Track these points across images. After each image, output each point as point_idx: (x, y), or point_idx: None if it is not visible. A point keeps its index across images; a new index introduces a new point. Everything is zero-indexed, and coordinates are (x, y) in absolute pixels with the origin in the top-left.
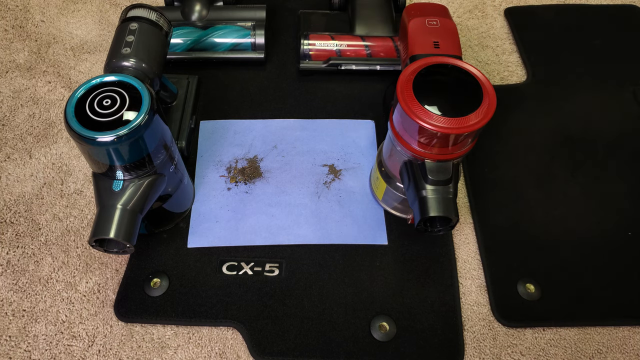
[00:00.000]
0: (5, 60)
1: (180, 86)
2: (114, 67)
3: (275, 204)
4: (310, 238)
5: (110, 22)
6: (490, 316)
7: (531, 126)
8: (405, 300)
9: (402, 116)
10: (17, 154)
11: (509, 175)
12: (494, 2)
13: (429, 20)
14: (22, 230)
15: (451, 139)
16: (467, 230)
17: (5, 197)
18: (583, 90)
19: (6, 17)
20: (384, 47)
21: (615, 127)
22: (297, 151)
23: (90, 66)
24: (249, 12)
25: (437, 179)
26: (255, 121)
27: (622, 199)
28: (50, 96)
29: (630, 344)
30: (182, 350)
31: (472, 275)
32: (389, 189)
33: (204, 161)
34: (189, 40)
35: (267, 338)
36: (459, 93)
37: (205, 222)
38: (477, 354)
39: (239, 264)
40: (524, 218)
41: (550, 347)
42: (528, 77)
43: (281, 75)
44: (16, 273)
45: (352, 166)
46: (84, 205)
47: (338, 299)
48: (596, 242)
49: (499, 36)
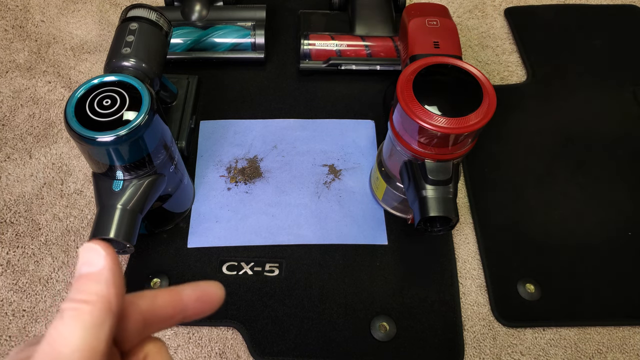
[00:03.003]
0: (5, 60)
1: (180, 86)
2: (114, 67)
3: (275, 204)
4: (310, 238)
5: (110, 22)
6: (490, 316)
7: (531, 126)
8: (405, 300)
9: (402, 116)
10: (17, 154)
11: (509, 175)
12: (494, 2)
13: (429, 20)
14: (22, 230)
15: (451, 139)
16: (467, 230)
17: (5, 197)
18: (583, 90)
19: (6, 17)
20: (384, 47)
21: (615, 127)
22: (297, 151)
23: (90, 66)
24: (249, 12)
25: (437, 179)
26: (255, 121)
27: (622, 199)
28: (50, 96)
29: (630, 344)
30: (182, 350)
31: (472, 275)
32: (389, 189)
33: (204, 161)
34: (189, 40)
35: (267, 338)
36: (459, 93)
37: (205, 222)
38: (477, 354)
39: (239, 264)
40: (524, 218)
41: (550, 347)
42: (528, 77)
43: (281, 75)
44: (16, 273)
45: (352, 166)
46: (84, 205)
47: (338, 299)
48: (596, 242)
49: (499, 36)
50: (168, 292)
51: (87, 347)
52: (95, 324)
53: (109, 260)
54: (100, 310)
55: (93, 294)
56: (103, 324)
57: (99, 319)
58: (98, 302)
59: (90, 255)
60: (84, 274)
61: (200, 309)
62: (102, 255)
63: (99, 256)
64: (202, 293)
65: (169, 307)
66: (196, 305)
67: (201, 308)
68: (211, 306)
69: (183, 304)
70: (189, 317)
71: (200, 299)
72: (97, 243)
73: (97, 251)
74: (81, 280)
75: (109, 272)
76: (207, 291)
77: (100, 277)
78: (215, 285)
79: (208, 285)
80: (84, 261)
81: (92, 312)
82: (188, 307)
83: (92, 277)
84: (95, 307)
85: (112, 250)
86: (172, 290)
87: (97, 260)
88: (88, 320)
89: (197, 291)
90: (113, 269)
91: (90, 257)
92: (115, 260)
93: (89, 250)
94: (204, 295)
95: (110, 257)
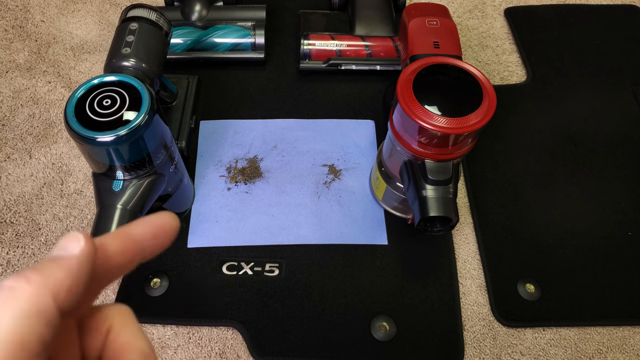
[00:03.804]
0: (5, 60)
1: (180, 86)
2: (114, 67)
3: (275, 204)
4: (310, 238)
5: (110, 22)
6: (490, 316)
7: (531, 126)
8: (405, 300)
9: (402, 116)
10: (17, 154)
11: (509, 175)
12: (494, 2)
13: (429, 20)
14: (22, 230)
15: (451, 139)
16: (467, 230)
17: (5, 197)
18: (583, 90)
19: (6, 17)
20: (384, 47)
21: (615, 127)
22: (297, 151)
23: (90, 66)
24: (249, 12)
25: (437, 179)
26: (255, 121)
27: (622, 199)
28: (50, 96)
29: (630, 344)
30: (182, 350)
31: (472, 275)
32: (389, 189)
33: (204, 161)
34: (189, 40)
35: (267, 338)
36: (459, 93)
37: (205, 222)
38: (477, 354)
39: (239, 264)
40: (524, 218)
41: (550, 347)
42: (528, 77)
43: (281, 75)
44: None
45: (352, 166)
46: (84, 205)
47: (338, 299)
48: (596, 242)
49: (499, 36)
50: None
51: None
52: (32, 312)
53: (84, 252)
54: (43, 297)
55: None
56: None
57: (38, 308)
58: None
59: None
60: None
61: (157, 244)
62: (80, 246)
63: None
64: (157, 228)
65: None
66: (152, 243)
67: (158, 244)
68: (168, 239)
69: (137, 246)
70: (146, 257)
71: (155, 234)
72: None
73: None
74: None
75: (75, 261)
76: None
77: (64, 262)
78: (168, 215)
79: (161, 218)
80: (59, 246)
81: (31, 298)
82: (144, 247)
83: (55, 260)
84: (36, 291)
85: (93, 245)
86: (122, 235)
87: (73, 249)
88: (23, 306)
89: (151, 227)
90: (82, 262)
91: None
92: (90, 255)
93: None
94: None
95: (88, 248)
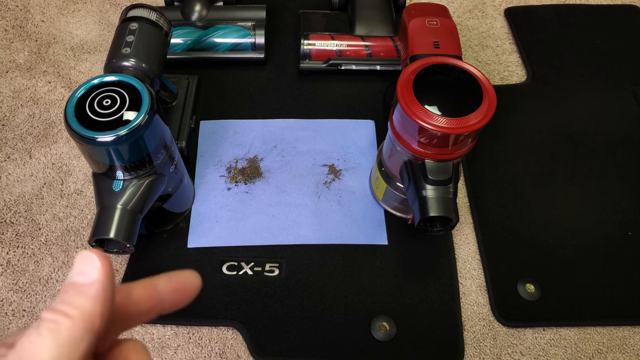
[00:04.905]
0: (5, 60)
1: (180, 86)
2: (114, 67)
3: (275, 204)
4: (310, 238)
5: (110, 22)
6: (490, 316)
7: (531, 126)
8: (405, 300)
9: (402, 116)
10: (17, 154)
11: (509, 175)
12: (494, 2)
13: (429, 20)
14: (22, 230)
15: (451, 139)
16: (467, 230)
17: (5, 197)
18: (583, 90)
19: (6, 17)
20: (384, 47)
21: (615, 127)
22: (297, 151)
23: (90, 66)
24: (249, 12)
25: (437, 179)
26: (255, 121)
27: (622, 199)
28: (50, 96)
29: (630, 344)
30: (182, 350)
31: (472, 275)
32: (389, 189)
33: (204, 161)
34: (189, 40)
35: (267, 338)
36: (459, 93)
37: (205, 222)
38: (477, 354)
39: (239, 264)
40: (524, 218)
41: (550, 347)
42: (528, 77)
43: (281, 75)
44: (16, 273)
45: (352, 166)
46: (84, 205)
47: (338, 299)
48: (596, 242)
49: (499, 36)
50: (143, 286)
51: None
52: (71, 342)
53: (102, 273)
54: (80, 328)
55: (77, 308)
56: (80, 342)
57: (76, 337)
58: (80, 318)
59: (85, 264)
60: (74, 283)
61: (178, 299)
62: (97, 268)
63: (94, 267)
64: (179, 284)
65: (144, 301)
66: (173, 297)
67: (178, 299)
68: (189, 296)
69: (159, 297)
70: (166, 310)
71: (177, 290)
72: (95, 253)
73: (93, 261)
74: (69, 290)
75: (99, 286)
76: (183, 281)
77: (90, 290)
78: (192, 275)
79: (184, 275)
80: (77, 270)
81: (71, 329)
82: (164, 299)
83: (81, 289)
84: (75, 324)
85: (109, 262)
86: (147, 283)
87: (91, 272)
88: (65, 337)
89: (173, 282)
90: (105, 283)
91: (84, 267)
92: (109, 274)
93: (85, 259)
94: (180, 286)
95: (105, 269)
